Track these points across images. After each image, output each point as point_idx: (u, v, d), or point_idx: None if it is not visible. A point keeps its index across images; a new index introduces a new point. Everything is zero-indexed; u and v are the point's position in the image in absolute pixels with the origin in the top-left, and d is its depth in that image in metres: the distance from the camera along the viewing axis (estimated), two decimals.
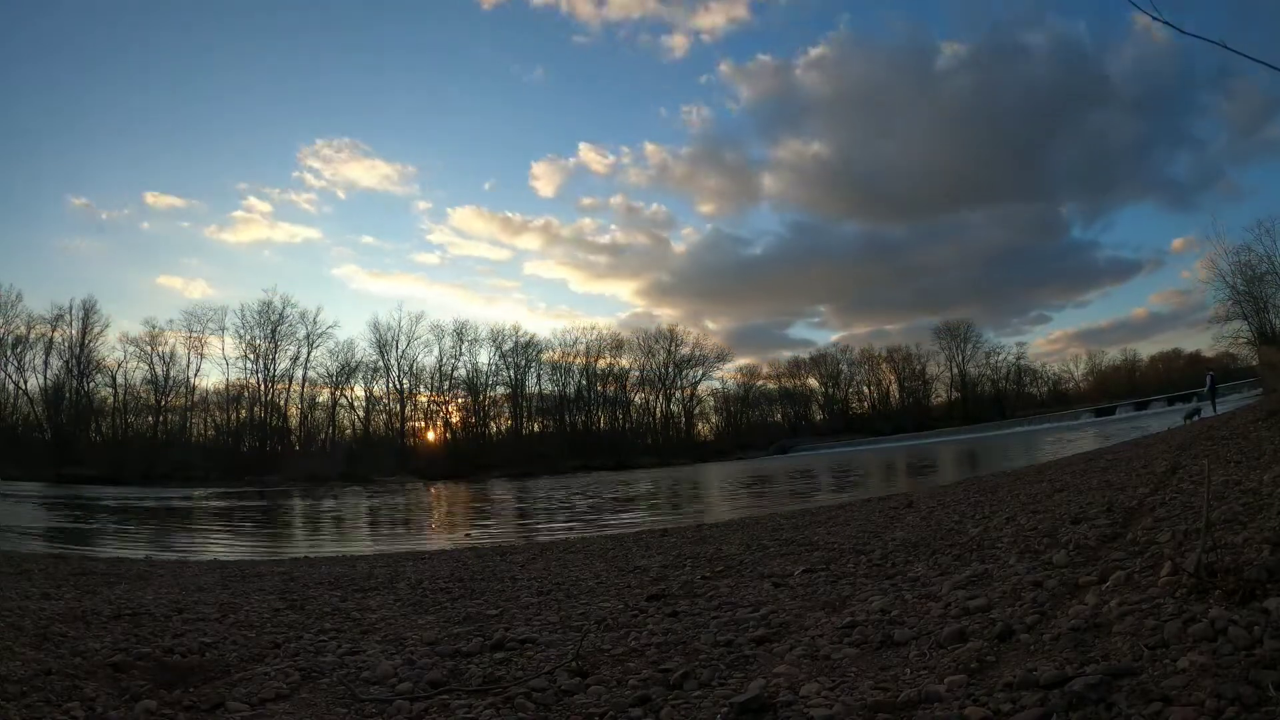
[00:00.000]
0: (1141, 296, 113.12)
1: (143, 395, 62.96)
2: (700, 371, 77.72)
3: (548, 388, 73.77)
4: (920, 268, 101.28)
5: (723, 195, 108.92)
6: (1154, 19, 2.36)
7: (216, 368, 66.23)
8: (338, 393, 67.27)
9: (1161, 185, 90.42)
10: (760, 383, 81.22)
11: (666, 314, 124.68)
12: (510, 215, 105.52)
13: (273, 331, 64.85)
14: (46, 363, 58.46)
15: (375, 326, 69.94)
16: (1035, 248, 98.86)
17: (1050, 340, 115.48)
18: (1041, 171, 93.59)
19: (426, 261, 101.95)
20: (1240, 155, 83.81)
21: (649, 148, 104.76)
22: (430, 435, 69.97)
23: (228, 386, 64.30)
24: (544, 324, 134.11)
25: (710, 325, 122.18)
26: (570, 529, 12.78)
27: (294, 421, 67.08)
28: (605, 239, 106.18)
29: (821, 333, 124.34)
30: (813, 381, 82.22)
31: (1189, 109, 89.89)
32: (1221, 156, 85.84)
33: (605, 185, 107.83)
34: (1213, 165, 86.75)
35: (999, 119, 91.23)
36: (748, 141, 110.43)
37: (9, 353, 56.71)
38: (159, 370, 62.58)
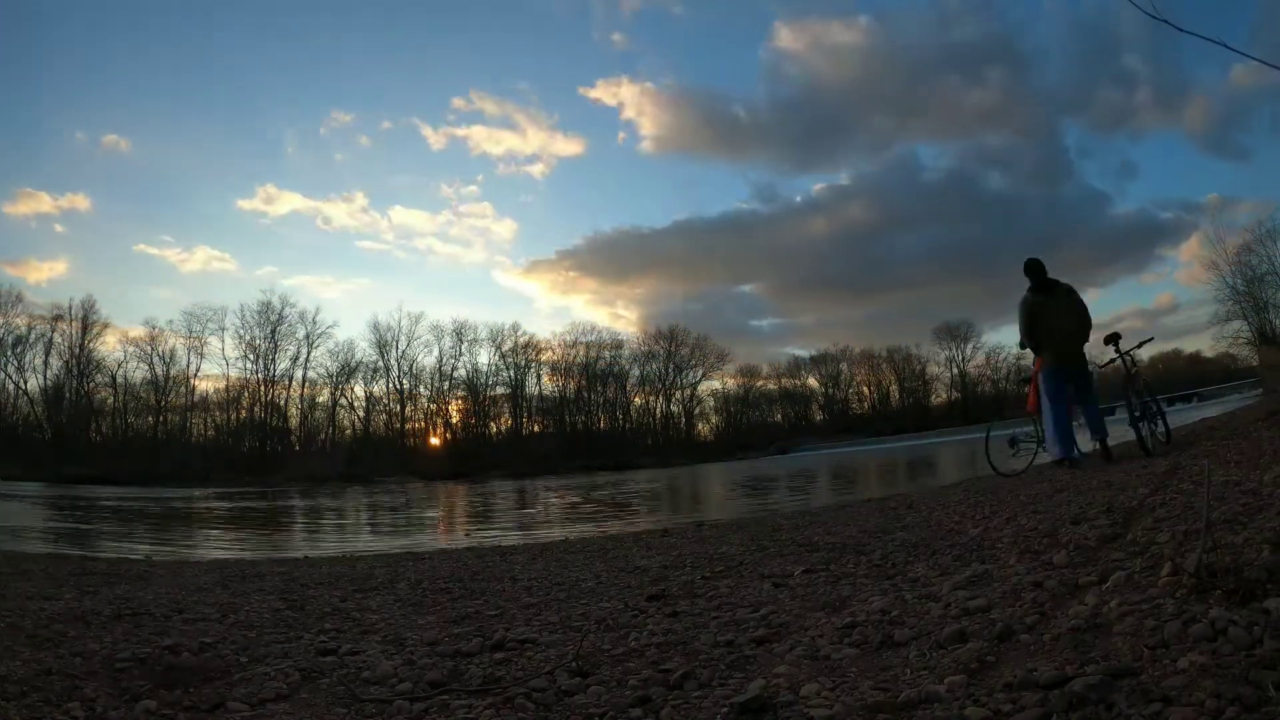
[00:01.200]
0: (1167, 279, 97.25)
1: (143, 395, 63.06)
2: (700, 372, 77.74)
3: (547, 388, 73.95)
4: (865, 228, 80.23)
5: (559, 139, 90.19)
6: (1152, 17, 2.37)
7: (216, 368, 66.18)
8: (338, 393, 67.40)
9: (1191, 115, 72.53)
10: (760, 383, 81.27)
11: (575, 302, 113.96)
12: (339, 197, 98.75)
13: (272, 331, 65.05)
14: (46, 363, 58.66)
15: (375, 326, 70.12)
16: (1031, 196, 77.93)
17: None
18: (1019, 83, 71.12)
19: (236, 241, 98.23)
20: None
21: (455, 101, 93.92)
22: (430, 435, 70.04)
23: (228, 386, 64.41)
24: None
25: (625, 314, 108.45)
26: (570, 529, 12.78)
27: (294, 421, 67.23)
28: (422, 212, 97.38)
29: (763, 320, 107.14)
30: (812, 382, 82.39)
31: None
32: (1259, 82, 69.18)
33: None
34: (1251, 91, 70.88)
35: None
36: (565, 67, 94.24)
37: (9, 353, 56.84)
38: (159, 370, 62.75)
